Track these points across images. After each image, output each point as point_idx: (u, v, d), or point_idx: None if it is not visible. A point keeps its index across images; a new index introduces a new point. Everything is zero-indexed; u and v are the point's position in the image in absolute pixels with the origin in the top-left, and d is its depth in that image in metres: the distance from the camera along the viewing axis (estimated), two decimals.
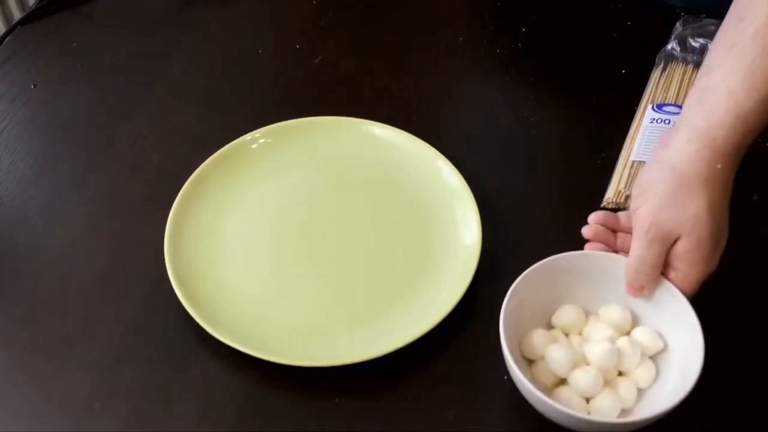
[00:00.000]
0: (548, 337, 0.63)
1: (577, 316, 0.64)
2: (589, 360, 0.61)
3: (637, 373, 0.61)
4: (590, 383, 0.60)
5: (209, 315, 0.67)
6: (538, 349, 0.62)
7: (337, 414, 0.64)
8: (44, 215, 0.77)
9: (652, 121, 0.78)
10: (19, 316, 0.70)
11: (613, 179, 0.76)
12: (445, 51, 0.91)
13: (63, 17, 0.96)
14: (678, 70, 0.83)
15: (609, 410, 0.59)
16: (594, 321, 0.64)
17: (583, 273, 0.64)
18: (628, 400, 0.60)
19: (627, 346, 0.61)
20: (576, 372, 0.60)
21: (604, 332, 0.62)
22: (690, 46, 0.85)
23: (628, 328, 0.63)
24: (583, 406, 0.60)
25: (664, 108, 0.79)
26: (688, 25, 0.87)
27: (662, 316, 0.62)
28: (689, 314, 0.60)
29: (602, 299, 0.65)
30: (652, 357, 0.62)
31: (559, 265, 0.63)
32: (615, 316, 0.63)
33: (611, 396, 0.60)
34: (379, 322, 0.68)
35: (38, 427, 0.63)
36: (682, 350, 0.61)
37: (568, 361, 0.61)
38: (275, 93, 0.87)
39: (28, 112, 0.86)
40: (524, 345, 0.63)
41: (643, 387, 0.61)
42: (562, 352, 0.61)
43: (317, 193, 0.78)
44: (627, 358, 0.61)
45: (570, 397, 0.60)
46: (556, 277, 0.64)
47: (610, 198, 0.74)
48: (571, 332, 0.64)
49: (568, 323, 0.64)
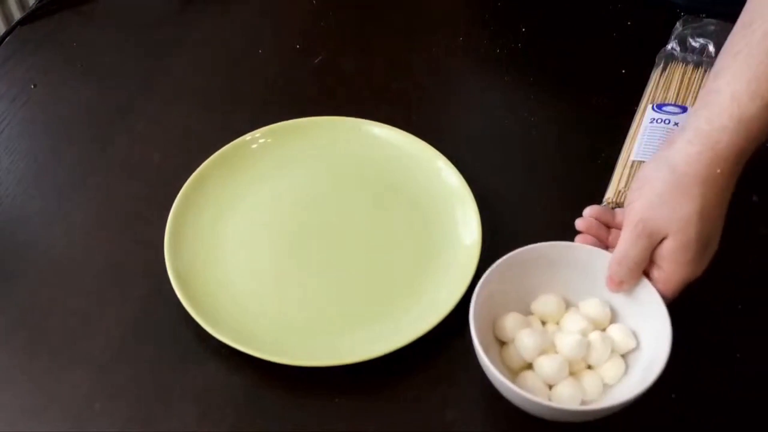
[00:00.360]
0: (521, 321, 0.64)
1: (556, 305, 0.64)
2: (558, 349, 0.62)
3: (605, 369, 0.62)
4: (554, 370, 0.60)
5: (209, 315, 0.67)
6: (509, 332, 0.63)
7: (337, 414, 0.64)
8: (44, 215, 0.77)
9: (652, 121, 0.78)
10: (20, 316, 0.70)
11: (612, 179, 0.76)
12: (445, 51, 0.91)
13: (63, 17, 0.96)
14: (678, 70, 0.83)
15: (569, 399, 0.60)
16: (572, 312, 0.65)
17: (569, 264, 0.65)
18: (592, 393, 0.61)
19: (598, 340, 0.62)
20: (542, 358, 0.61)
21: (578, 324, 0.63)
22: (690, 46, 0.85)
23: (605, 324, 0.64)
24: (545, 392, 0.61)
25: (664, 108, 0.79)
26: (688, 25, 0.87)
27: (639, 316, 0.63)
28: (663, 317, 0.60)
29: (584, 293, 0.65)
30: (624, 355, 0.63)
31: (546, 252, 0.64)
32: (593, 310, 0.64)
33: (574, 386, 0.60)
34: (379, 322, 0.68)
35: (38, 427, 0.64)
36: (651, 351, 0.61)
37: (536, 346, 0.61)
38: (275, 93, 0.87)
39: (28, 112, 0.86)
40: (498, 326, 0.64)
41: (609, 383, 0.62)
42: (531, 337, 0.61)
43: (317, 193, 0.78)
44: (596, 352, 0.61)
45: (534, 383, 0.61)
46: (542, 264, 0.64)
47: (610, 198, 0.74)
48: (549, 321, 0.65)
49: (547, 312, 0.65)
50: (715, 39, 0.84)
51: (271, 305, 0.70)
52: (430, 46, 0.92)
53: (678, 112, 0.78)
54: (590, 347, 0.61)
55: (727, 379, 0.65)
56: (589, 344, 0.62)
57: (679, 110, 0.78)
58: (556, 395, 0.60)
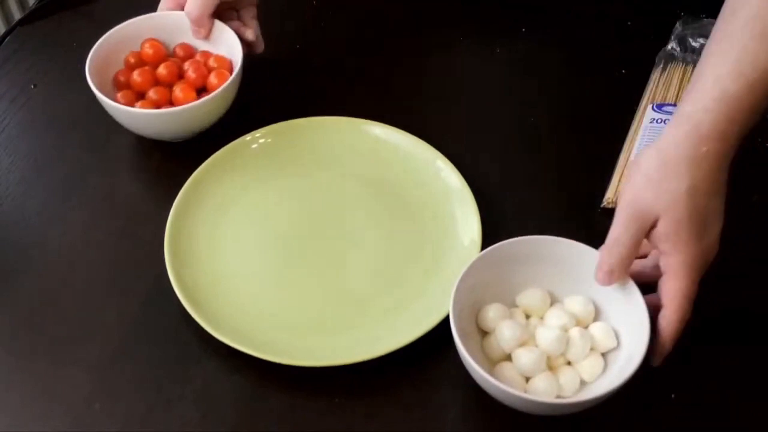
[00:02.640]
0: (503, 312, 0.64)
1: (540, 300, 0.65)
2: (537, 342, 0.63)
3: (583, 365, 0.62)
4: (532, 362, 0.61)
5: (209, 315, 0.67)
6: (491, 322, 0.63)
7: (337, 414, 0.64)
8: (44, 215, 0.77)
9: (652, 121, 0.78)
10: (20, 316, 0.70)
11: (613, 179, 0.76)
12: (446, 51, 0.91)
13: (63, 17, 0.96)
14: (678, 70, 0.83)
15: (544, 393, 0.60)
16: (556, 308, 0.65)
17: (557, 260, 0.65)
18: (568, 389, 0.61)
19: (577, 336, 0.62)
20: (520, 350, 0.62)
21: (560, 319, 0.63)
22: (690, 46, 0.85)
23: (588, 322, 0.64)
24: (522, 384, 0.61)
25: (664, 108, 0.79)
26: (688, 25, 0.87)
27: (622, 316, 0.63)
28: (644, 319, 0.60)
29: (570, 289, 0.66)
30: (604, 354, 0.63)
31: (535, 247, 0.65)
32: (577, 307, 0.64)
33: (550, 380, 0.61)
34: (379, 323, 0.68)
35: (38, 427, 0.64)
36: (630, 351, 0.61)
37: (515, 337, 0.62)
38: (275, 93, 0.87)
39: (28, 112, 0.86)
40: (480, 316, 0.64)
41: (587, 380, 0.62)
42: (510, 329, 0.62)
43: (317, 193, 0.78)
44: (575, 348, 0.62)
45: (511, 374, 0.61)
46: (530, 258, 0.65)
47: (610, 198, 0.74)
48: (533, 315, 0.65)
49: (531, 305, 0.65)
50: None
51: (271, 305, 0.70)
52: (430, 46, 0.92)
53: None
54: (569, 343, 0.62)
55: (727, 379, 0.65)
56: (569, 340, 0.62)
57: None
58: (532, 388, 0.61)
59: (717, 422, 0.63)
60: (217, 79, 0.79)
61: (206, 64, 0.81)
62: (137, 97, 0.80)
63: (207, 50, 0.83)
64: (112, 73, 0.82)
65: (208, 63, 0.81)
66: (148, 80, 0.80)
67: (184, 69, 0.81)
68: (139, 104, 0.78)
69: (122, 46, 0.82)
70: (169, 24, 0.84)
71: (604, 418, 0.62)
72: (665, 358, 0.59)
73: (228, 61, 0.82)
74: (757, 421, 0.63)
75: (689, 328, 0.60)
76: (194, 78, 0.80)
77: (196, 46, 0.84)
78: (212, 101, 0.77)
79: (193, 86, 0.79)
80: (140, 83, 0.80)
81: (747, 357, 0.66)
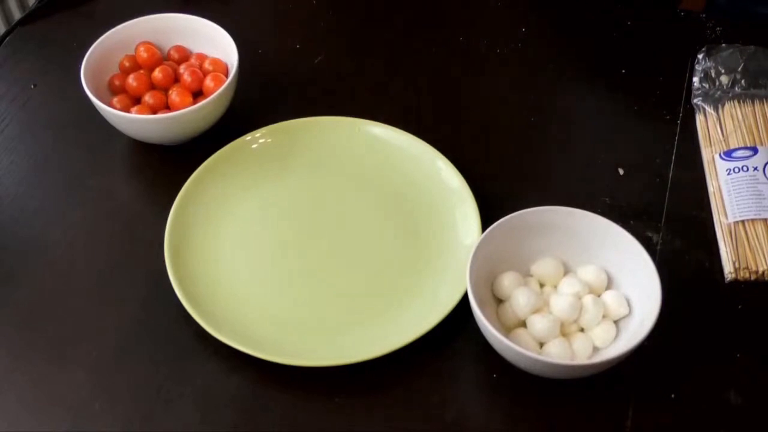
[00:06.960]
0: (518, 280, 0.66)
1: (554, 268, 0.67)
2: (551, 309, 0.64)
3: (596, 332, 0.64)
4: (546, 328, 0.63)
5: (209, 315, 0.67)
6: (506, 290, 0.65)
7: (337, 414, 0.64)
8: (44, 215, 0.77)
9: (728, 173, 0.73)
10: (19, 315, 0.70)
11: (721, 251, 0.71)
12: (445, 51, 0.91)
13: (63, 17, 0.96)
14: (724, 110, 0.78)
15: (557, 357, 0.62)
16: (570, 277, 0.66)
17: (570, 231, 0.67)
18: (581, 354, 0.63)
19: (590, 303, 0.64)
20: (534, 316, 0.64)
21: (573, 286, 0.65)
22: (720, 84, 0.80)
23: (601, 290, 0.66)
24: (536, 349, 0.63)
25: (733, 154, 0.74)
26: (711, 56, 0.82)
27: (634, 285, 0.65)
28: (656, 287, 0.61)
29: (583, 259, 0.67)
30: (617, 321, 0.65)
31: (549, 217, 0.67)
32: (590, 276, 0.66)
33: (563, 345, 0.63)
34: (379, 322, 0.68)
35: (38, 427, 0.64)
36: (642, 318, 0.62)
37: (529, 304, 0.64)
38: (275, 93, 0.87)
39: (28, 112, 0.86)
40: (496, 284, 0.66)
41: (599, 346, 0.64)
42: (525, 296, 0.64)
43: (317, 193, 0.78)
44: (588, 314, 0.64)
45: (526, 340, 0.63)
46: (544, 228, 0.67)
47: (731, 273, 0.69)
48: (547, 283, 0.67)
49: (545, 274, 0.67)
50: (744, 64, 0.81)
51: (271, 305, 0.70)
52: (431, 46, 0.92)
53: (750, 155, 0.74)
54: (582, 309, 0.64)
55: (727, 379, 0.65)
56: (582, 306, 0.64)
57: (750, 152, 0.74)
58: (546, 352, 0.62)
59: (717, 422, 0.63)
60: (214, 83, 0.79)
61: (202, 67, 0.81)
62: (133, 101, 0.80)
63: (202, 53, 0.83)
64: (108, 77, 0.82)
65: (203, 66, 0.81)
66: (144, 84, 0.80)
67: (179, 72, 0.81)
68: (135, 109, 0.78)
69: (116, 49, 0.82)
70: (162, 26, 0.84)
71: (605, 418, 0.62)
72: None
73: (223, 63, 0.81)
74: (757, 421, 0.63)
75: (689, 328, 0.60)
76: (190, 82, 0.80)
77: (191, 48, 0.84)
78: (209, 105, 0.77)
79: (189, 90, 0.79)
80: (136, 87, 0.80)
81: (747, 357, 0.66)
